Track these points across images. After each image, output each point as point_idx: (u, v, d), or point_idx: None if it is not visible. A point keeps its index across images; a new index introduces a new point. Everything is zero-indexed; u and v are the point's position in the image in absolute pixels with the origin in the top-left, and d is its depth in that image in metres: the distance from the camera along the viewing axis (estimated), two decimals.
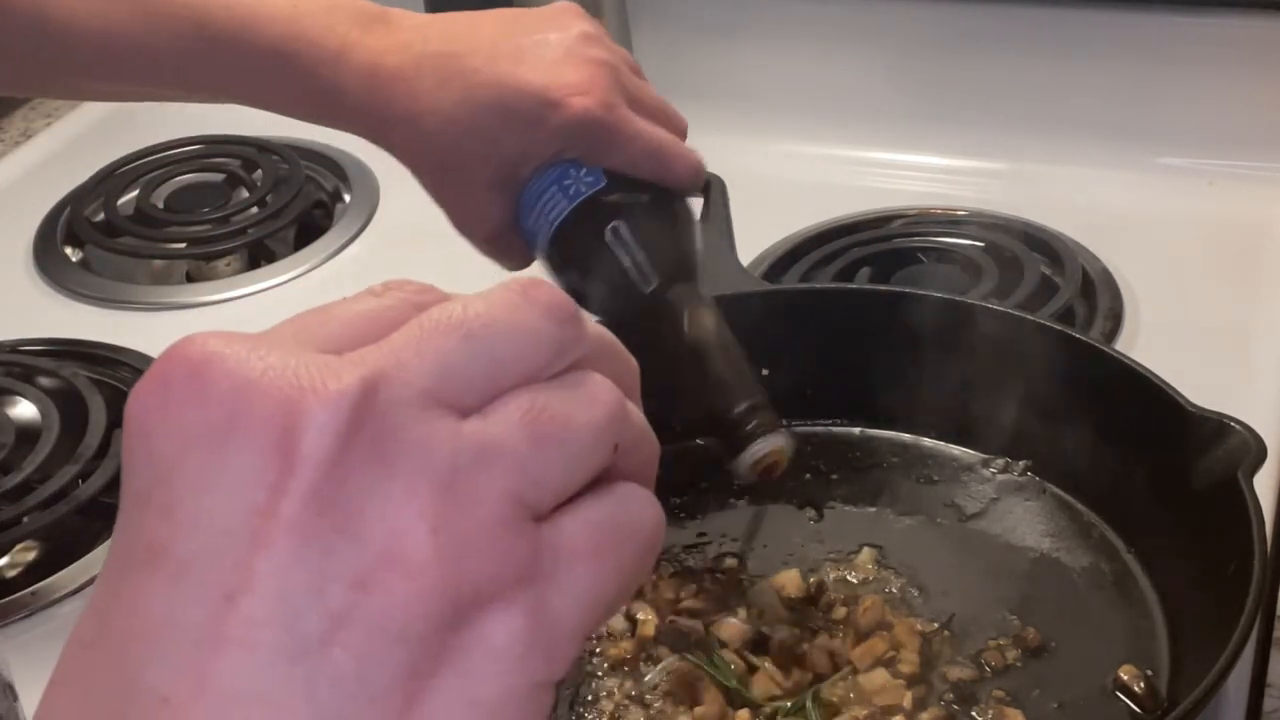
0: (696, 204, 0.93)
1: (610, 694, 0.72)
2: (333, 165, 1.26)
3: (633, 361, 0.37)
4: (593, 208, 0.73)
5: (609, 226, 0.73)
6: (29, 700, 0.62)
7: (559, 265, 0.75)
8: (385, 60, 0.73)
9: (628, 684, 0.73)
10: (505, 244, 0.77)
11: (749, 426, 0.69)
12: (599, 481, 0.33)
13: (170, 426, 0.30)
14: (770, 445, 0.69)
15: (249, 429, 0.30)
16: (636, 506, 0.34)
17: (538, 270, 0.78)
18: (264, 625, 0.29)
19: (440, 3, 1.19)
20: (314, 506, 0.29)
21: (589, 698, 0.72)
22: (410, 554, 0.30)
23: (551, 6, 0.78)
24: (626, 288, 0.72)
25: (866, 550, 0.80)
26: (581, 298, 0.75)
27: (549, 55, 0.73)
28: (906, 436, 0.87)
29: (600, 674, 0.73)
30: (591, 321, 0.35)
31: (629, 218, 0.73)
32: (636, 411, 0.35)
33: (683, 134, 0.77)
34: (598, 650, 0.74)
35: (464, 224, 0.78)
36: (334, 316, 0.33)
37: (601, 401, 0.34)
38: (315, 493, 0.29)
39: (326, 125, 0.78)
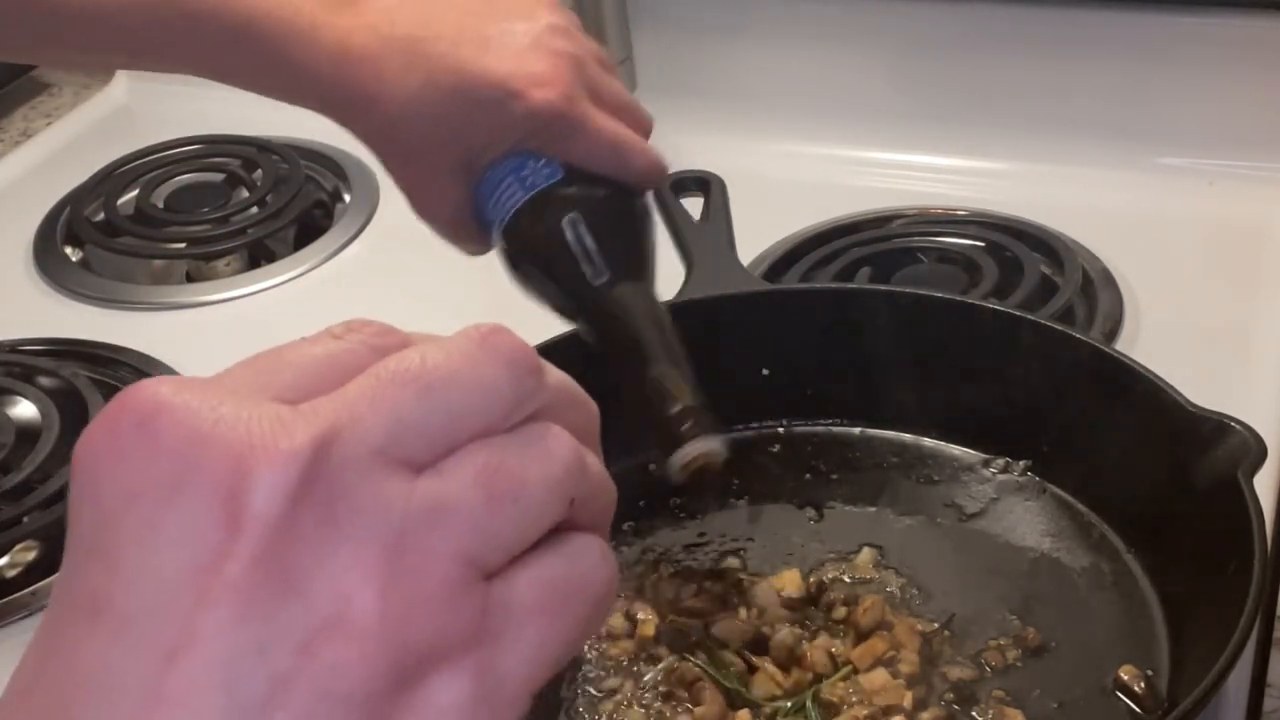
0: (695, 205, 0.93)
1: (610, 694, 0.72)
2: (333, 165, 1.26)
3: (593, 408, 0.37)
4: (548, 200, 0.73)
5: (563, 219, 0.73)
6: None
7: (512, 255, 0.75)
8: (352, 40, 0.73)
9: (627, 684, 0.73)
10: (465, 229, 0.77)
11: (681, 429, 0.69)
12: (554, 533, 0.33)
13: (118, 477, 0.30)
14: (700, 448, 0.68)
15: (197, 485, 0.29)
16: (589, 562, 0.34)
17: (496, 265, 0.78)
18: (205, 687, 0.29)
19: None
20: (260, 568, 0.29)
21: (588, 698, 0.72)
22: (357, 617, 0.29)
23: None
24: (576, 281, 0.72)
25: (866, 550, 0.80)
26: (533, 288, 0.75)
27: (515, 44, 0.73)
28: (906, 436, 0.87)
29: (600, 674, 0.73)
30: (553, 371, 0.35)
31: (584, 212, 0.73)
32: (595, 462, 0.35)
33: (646, 132, 0.77)
34: (598, 650, 0.74)
35: (424, 208, 0.78)
36: (291, 362, 0.33)
37: (558, 457, 0.33)
38: (262, 554, 0.29)
39: (291, 102, 0.78)
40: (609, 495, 0.36)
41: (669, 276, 0.83)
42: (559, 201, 0.73)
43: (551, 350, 0.79)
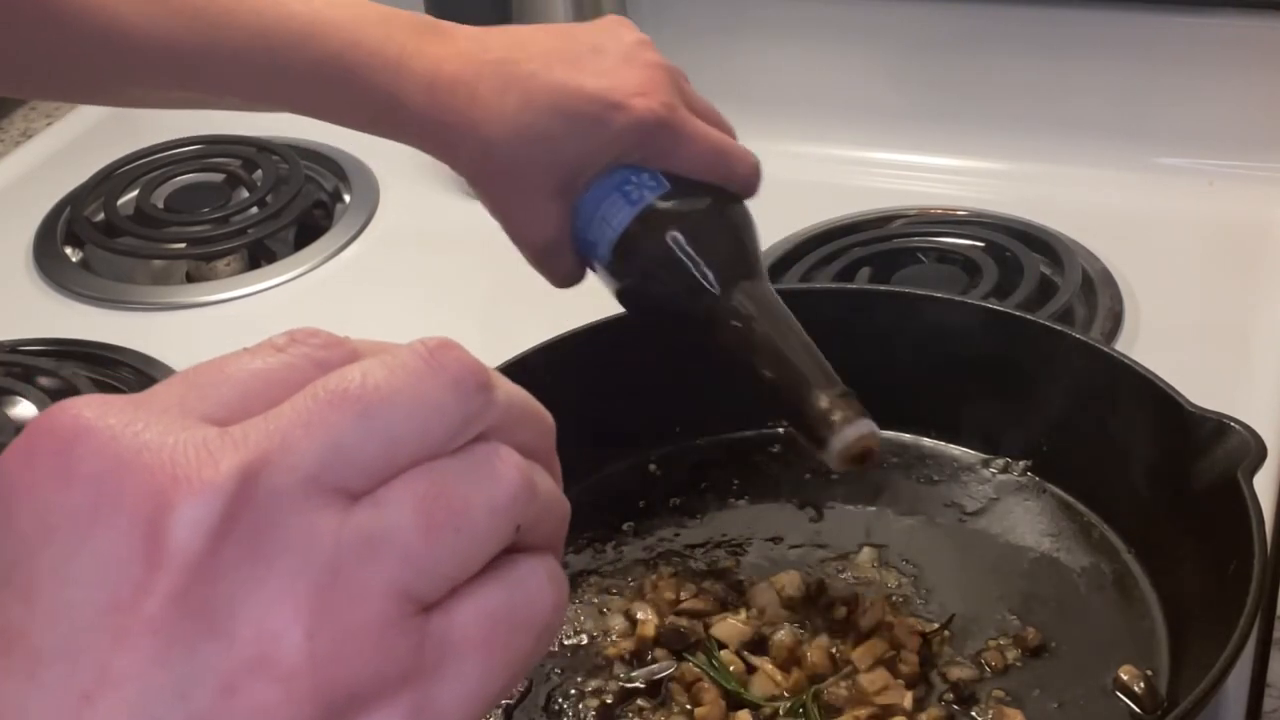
0: None
1: (609, 694, 0.72)
2: (333, 165, 1.26)
3: (548, 422, 0.35)
4: (657, 213, 0.72)
5: (675, 231, 0.72)
6: None
7: (623, 273, 0.74)
8: (444, 68, 0.72)
9: (626, 684, 0.73)
10: (558, 257, 0.76)
11: (835, 416, 0.68)
12: (500, 557, 0.32)
13: (35, 506, 0.29)
14: (859, 430, 0.68)
15: (115, 518, 0.28)
16: (535, 589, 0.32)
17: (591, 286, 0.77)
18: None
19: (443, 9, 1.20)
20: (180, 606, 0.28)
21: (588, 698, 0.72)
22: (282, 658, 0.28)
23: (604, 19, 0.78)
24: (696, 292, 0.71)
25: (866, 550, 0.80)
26: (648, 303, 0.75)
27: (606, 62, 0.73)
28: (906, 436, 0.87)
29: (599, 674, 0.73)
30: (503, 386, 0.33)
31: (694, 221, 0.72)
32: (546, 481, 0.34)
33: (734, 138, 0.77)
34: (597, 651, 0.74)
35: (520, 233, 0.76)
36: (228, 376, 0.31)
37: (505, 481, 0.32)
38: (182, 592, 0.28)
39: (386, 135, 0.76)
40: (561, 515, 0.35)
41: None
42: (670, 213, 0.72)
43: (549, 350, 0.80)
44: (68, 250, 1.20)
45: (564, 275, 0.77)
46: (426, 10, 1.21)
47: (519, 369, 0.75)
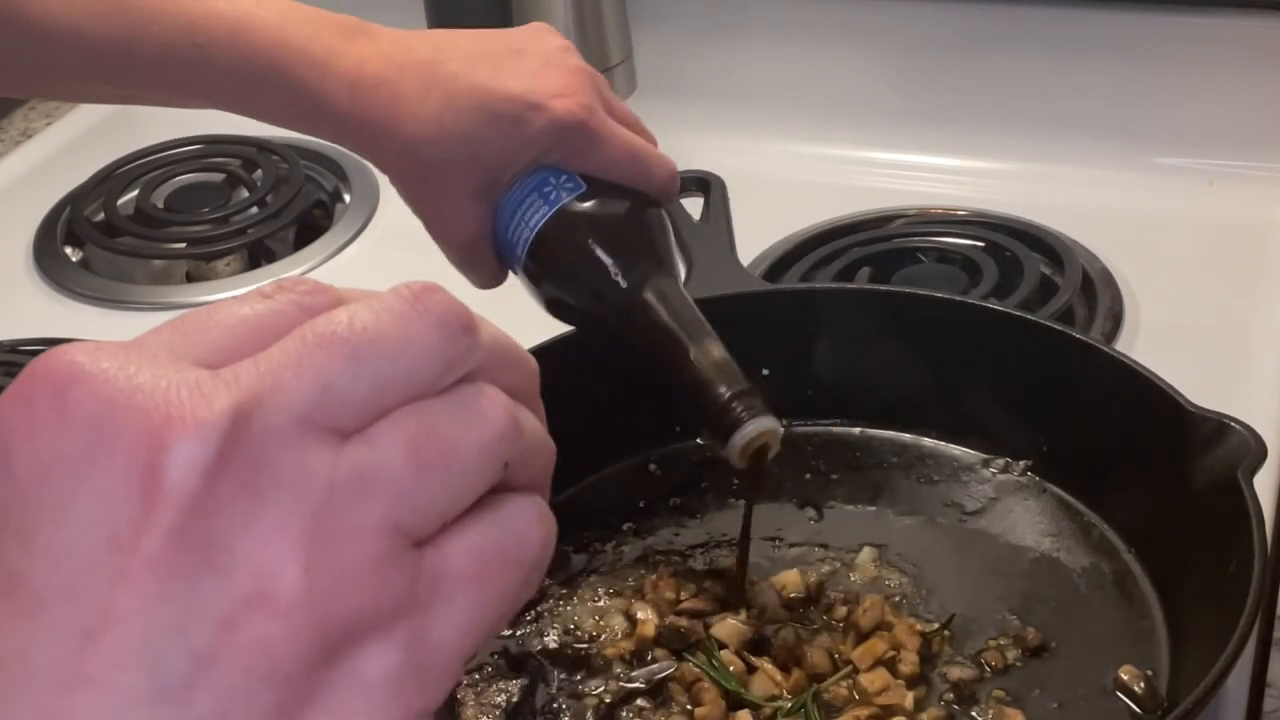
0: (695, 205, 0.93)
1: (609, 694, 0.72)
2: (333, 165, 1.26)
3: (531, 364, 0.36)
4: (573, 213, 0.73)
5: (590, 231, 0.73)
6: None
7: (539, 272, 0.75)
8: (367, 67, 0.73)
9: (626, 684, 0.73)
10: (479, 256, 0.77)
11: (736, 412, 0.69)
12: (489, 496, 0.33)
13: (31, 450, 0.29)
14: (758, 428, 0.69)
15: (111, 459, 0.29)
16: (524, 525, 0.33)
17: (507, 287, 0.78)
18: (125, 667, 0.28)
19: (443, 11, 1.20)
20: (178, 543, 0.28)
21: (588, 699, 0.72)
22: (280, 592, 0.29)
23: (529, 25, 0.79)
24: (609, 290, 0.72)
25: (867, 550, 0.80)
26: (563, 303, 0.76)
27: (528, 65, 0.74)
28: (906, 436, 0.87)
29: (599, 674, 0.73)
30: (487, 328, 0.34)
31: (607, 222, 0.74)
32: (531, 422, 0.34)
33: (654, 145, 0.78)
34: (597, 651, 0.74)
35: (441, 232, 0.78)
36: (217, 322, 0.32)
37: (491, 419, 0.32)
38: (180, 529, 0.28)
39: (309, 133, 0.78)
40: (547, 455, 0.35)
41: None
42: (586, 214, 0.73)
43: (549, 350, 0.80)
44: (68, 250, 1.20)
45: (485, 275, 0.78)
46: (426, 10, 1.21)
47: None
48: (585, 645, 0.75)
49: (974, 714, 0.70)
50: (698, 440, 0.86)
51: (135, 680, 0.28)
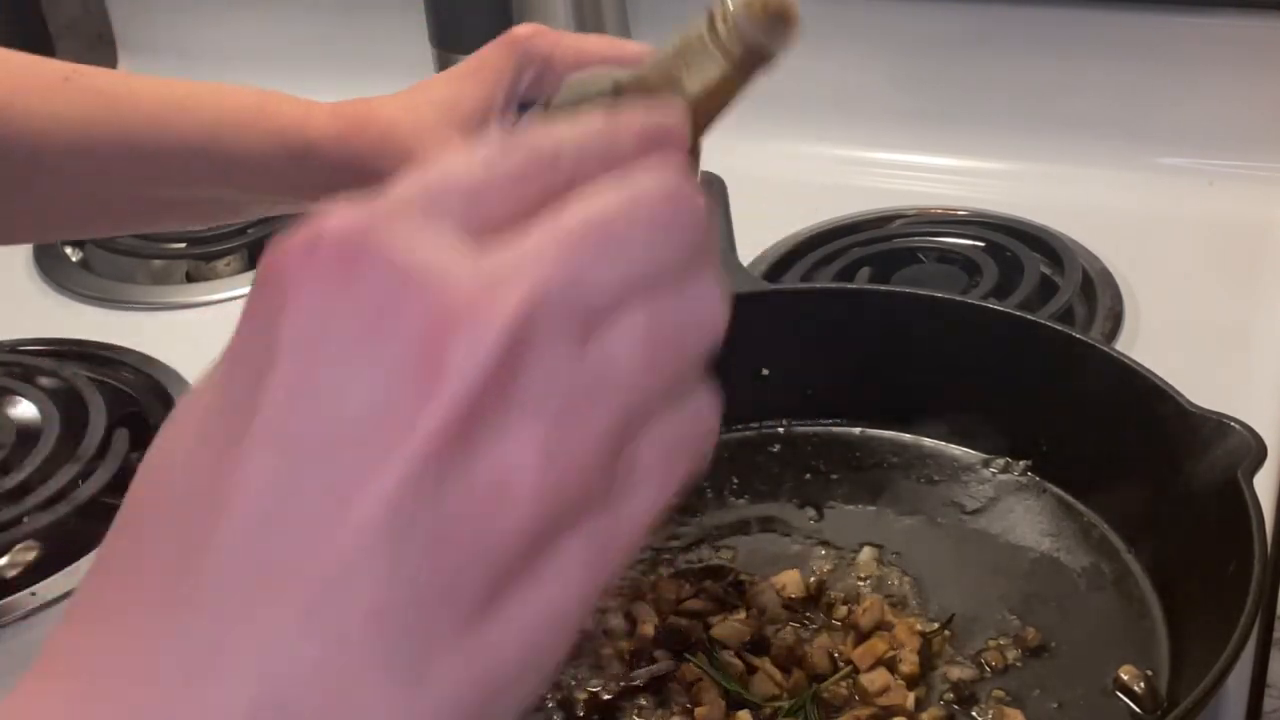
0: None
1: (608, 694, 0.72)
2: None
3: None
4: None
5: None
6: None
7: None
8: (341, 108, 0.75)
9: (626, 684, 0.73)
10: None
11: None
12: (678, 387, 0.33)
13: (311, 305, 0.29)
14: None
15: (398, 331, 0.29)
16: (705, 419, 0.33)
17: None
18: (373, 532, 0.28)
19: (443, 13, 1.20)
20: (448, 430, 0.29)
21: (588, 699, 0.72)
22: (516, 487, 0.29)
23: None
24: None
25: (867, 550, 0.80)
26: None
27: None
28: (906, 436, 0.87)
29: (599, 674, 0.73)
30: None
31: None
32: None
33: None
34: (597, 651, 0.74)
35: None
36: (489, 182, 0.32)
37: (709, 325, 0.33)
38: (449, 416, 0.29)
39: (298, 164, 0.77)
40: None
41: None
42: None
43: None
44: (68, 250, 1.20)
45: None
46: (427, 12, 1.21)
47: None
48: (585, 645, 0.75)
49: (974, 714, 0.70)
50: None
51: (379, 548, 0.28)
